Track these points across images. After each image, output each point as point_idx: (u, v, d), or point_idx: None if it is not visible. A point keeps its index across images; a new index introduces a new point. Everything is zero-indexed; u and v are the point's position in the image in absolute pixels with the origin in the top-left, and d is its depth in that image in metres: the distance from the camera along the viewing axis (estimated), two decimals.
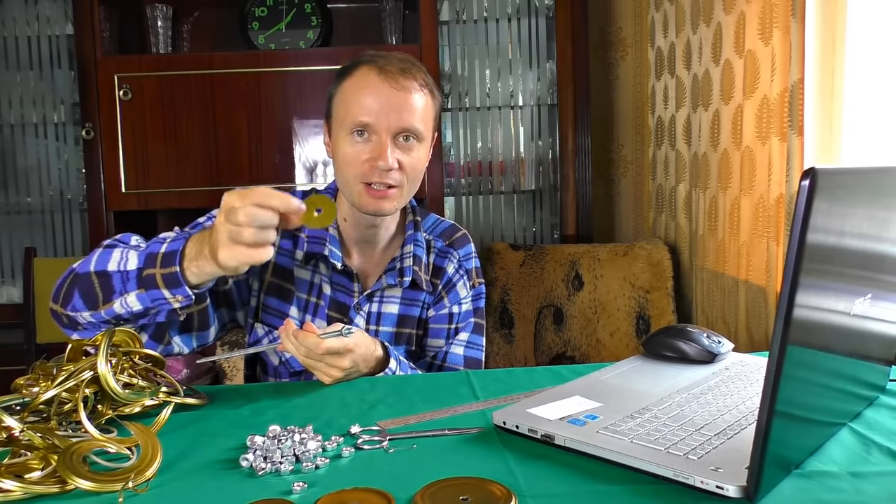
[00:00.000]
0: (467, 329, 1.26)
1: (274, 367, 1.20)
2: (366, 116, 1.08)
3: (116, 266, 0.97)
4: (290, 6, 2.37)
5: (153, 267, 0.94)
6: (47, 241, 2.41)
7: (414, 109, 1.09)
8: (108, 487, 0.69)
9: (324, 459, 0.75)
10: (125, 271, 0.96)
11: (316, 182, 2.31)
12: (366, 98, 1.08)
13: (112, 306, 0.96)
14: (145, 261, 0.95)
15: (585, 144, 2.42)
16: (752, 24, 1.65)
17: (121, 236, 1.07)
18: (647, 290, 2.18)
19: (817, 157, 1.48)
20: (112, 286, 0.96)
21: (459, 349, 1.24)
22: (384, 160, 1.07)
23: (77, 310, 0.98)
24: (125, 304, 0.95)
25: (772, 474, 0.65)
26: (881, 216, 0.73)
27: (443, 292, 1.25)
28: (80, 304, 0.98)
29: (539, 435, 0.78)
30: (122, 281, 0.95)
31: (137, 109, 2.24)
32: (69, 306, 0.99)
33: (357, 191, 1.11)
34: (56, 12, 2.35)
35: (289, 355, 1.17)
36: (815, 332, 0.66)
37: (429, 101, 1.13)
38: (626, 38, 2.60)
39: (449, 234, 1.28)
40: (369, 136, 1.09)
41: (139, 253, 0.96)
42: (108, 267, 0.97)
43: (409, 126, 1.09)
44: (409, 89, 1.09)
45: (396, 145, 1.10)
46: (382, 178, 1.09)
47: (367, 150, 1.09)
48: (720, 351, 1.05)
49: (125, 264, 0.96)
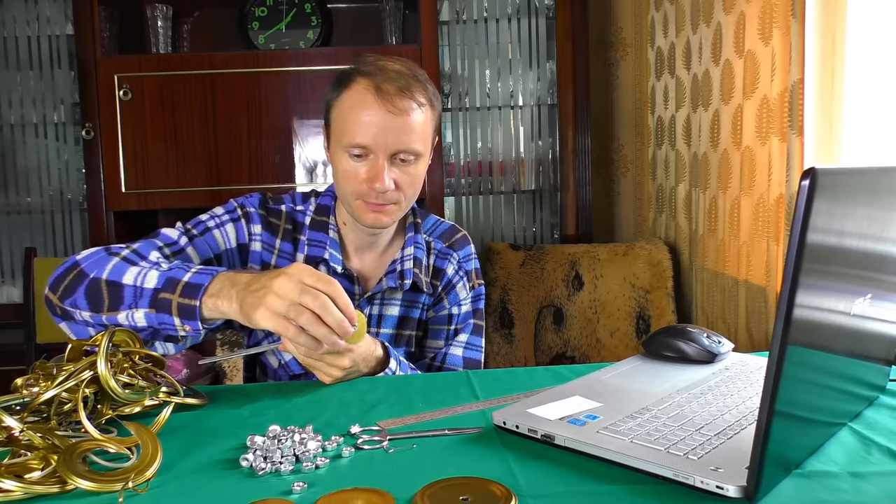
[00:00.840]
0: (466, 330, 1.26)
1: (273, 369, 1.20)
2: (362, 138, 1.07)
3: (133, 280, 0.97)
4: (290, 6, 2.37)
5: (172, 293, 0.94)
6: (47, 241, 2.41)
7: (412, 131, 1.08)
8: (108, 487, 0.69)
9: (324, 459, 0.75)
10: (141, 287, 0.96)
11: (316, 182, 2.31)
12: (362, 120, 1.07)
13: (116, 315, 0.96)
14: (165, 284, 0.95)
15: (585, 144, 2.42)
16: (752, 24, 1.65)
17: (137, 248, 1.06)
18: (647, 290, 2.18)
19: (817, 157, 1.48)
20: (122, 298, 0.96)
21: (458, 350, 1.25)
22: (381, 182, 1.07)
23: (77, 307, 0.98)
24: (131, 317, 0.96)
25: (772, 474, 0.65)
26: (881, 216, 0.73)
27: (442, 293, 1.25)
28: (83, 303, 0.98)
29: (539, 435, 0.78)
30: (135, 296, 0.96)
31: (137, 109, 2.24)
32: (68, 301, 0.99)
33: (355, 205, 1.12)
34: (56, 12, 2.35)
35: (288, 357, 1.17)
36: (815, 332, 0.66)
37: (428, 115, 1.12)
38: (626, 38, 2.61)
39: (449, 236, 1.28)
40: (366, 155, 1.09)
41: (160, 274, 0.96)
42: (122, 279, 0.97)
43: (406, 148, 1.08)
44: (407, 111, 1.07)
45: (394, 164, 1.09)
46: (379, 198, 1.10)
47: (364, 170, 1.09)
48: (720, 351, 1.05)
49: (142, 281, 0.96)
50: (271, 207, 1.20)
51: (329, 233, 1.18)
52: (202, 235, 1.14)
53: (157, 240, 1.10)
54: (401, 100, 1.07)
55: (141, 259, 1.03)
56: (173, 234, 1.12)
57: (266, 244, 1.18)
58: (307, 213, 1.20)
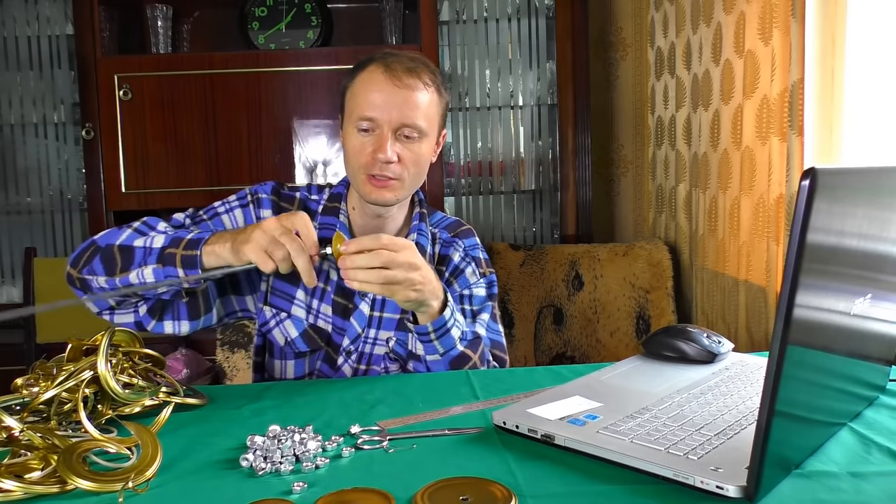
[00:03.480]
0: (486, 311, 1.28)
1: (280, 348, 1.22)
2: (370, 111, 1.13)
3: (143, 243, 1.09)
4: (290, 6, 2.37)
5: (176, 248, 1.05)
6: (47, 241, 2.41)
7: (416, 106, 1.14)
8: (108, 487, 0.69)
9: (324, 459, 0.75)
10: (149, 248, 1.08)
11: (316, 182, 2.31)
12: (371, 94, 1.14)
13: (128, 275, 1.07)
14: (170, 242, 1.07)
15: (585, 144, 2.42)
16: (752, 24, 1.65)
17: (149, 219, 1.17)
18: (647, 290, 2.18)
19: (817, 157, 1.48)
20: (133, 258, 1.07)
21: (482, 330, 1.25)
22: (383, 153, 1.12)
23: (94, 273, 1.09)
24: (141, 275, 1.06)
25: (772, 474, 0.65)
26: (881, 216, 0.73)
27: (451, 278, 1.26)
28: (99, 268, 1.09)
29: (539, 435, 0.78)
30: (145, 255, 1.07)
31: (137, 109, 2.24)
32: (86, 269, 1.09)
33: (361, 180, 1.16)
34: (56, 12, 2.35)
35: (294, 335, 1.19)
36: (815, 332, 0.66)
37: (434, 98, 1.18)
38: (626, 38, 2.61)
39: (454, 228, 1.32)
40: (373, 130, 1.14)
41: (167, 236, 1.09)
42: (133, 243, 1.09)
43: (409, 122, 1.14)
44: (412, 87, 1.14)
45: (398, 140, 1.14)
46: (383, 170, 1.14)
47: (370, 144, 1.14)
48: (720, 351, 1.05)
49: (151, 243, 1.08)
50: (284, 193, 1.25)
51: (339, 217, 1.22)
52: (210, 219, 1.21)
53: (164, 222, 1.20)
54: (408, 77, 1.14)
55: (150, 229, 1.14)
56: (180, 217, 1.21)
57: None
58: (321, 203, 1.25)
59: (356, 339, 1.19)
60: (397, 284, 1.02)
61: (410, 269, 1.02)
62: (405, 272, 1.01)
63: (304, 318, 1.19)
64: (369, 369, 1.20)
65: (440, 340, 1.11)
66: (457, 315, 1.14)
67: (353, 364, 1.19)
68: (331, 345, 1.20)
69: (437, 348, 1.11)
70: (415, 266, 1.03)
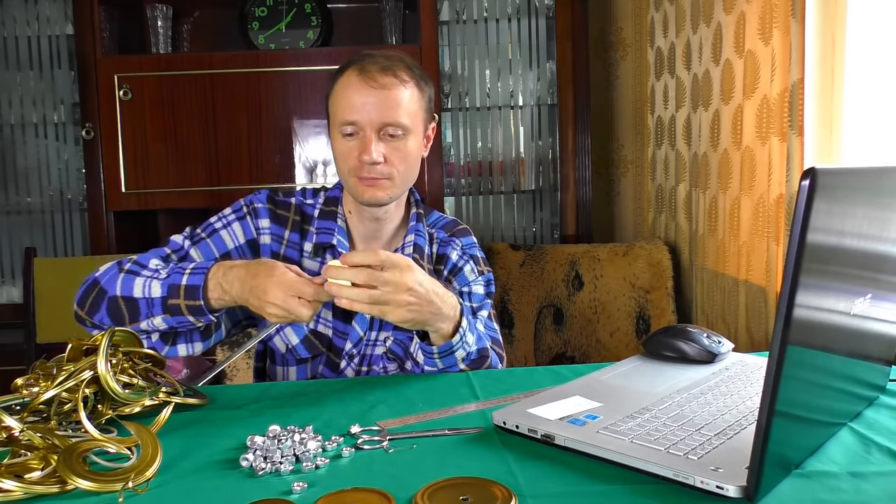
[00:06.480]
0: (486, 308, 1.28)
1: (281, 355, 1.22)
2: (350, 115, 1.14)
3: (141, 293, 1.09)
4: (290, 6, 2.37)
5: (177, 298, 1.07)
6: (47, 241, 2.41)
7: (396, 104, 1.13)
8: (108, 487, 0.69)
9: (324, 459, 0.75)
10: (150, 298, 1.08)
11: (316, 182, 2.31)
12: (349, 98, 1.14)
13: (138, 325, 1.09)
14: (168, 290, 1.07)
15: (585, 144, 2.42)
16: (752, 24, 1.65)
17: (138, 258, 1.16)
18: (647, 290, 2.18)
19: (817, 157, 1.48)
20: (138, 310, 1.09)
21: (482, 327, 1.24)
22: (368, 154, 1.13)
23: (104, 323, 1.10)
24: (151, 324, 1.09)
25: (772, 474, 0.65)
26: (881, 216, 0.73)
27: (450, 276, 1.27)
28: (107, 320, 1.10)
29: (539, 435, 0.78)
30: (148, 307, 1.08)
31: (137, 109, 2.24)
32: (96, 317, 1.11)
33: (352, 183, 1.17)
34: (56, 12, 2.35)
35: (295, 341, 1.18)
36: (815, 332, 0.66)
37: (414, 93, 1.16)
38: (626, 38, 2.60)
39: (450, 227, 1.32)
40: (356, 133, 1.15)
41: (161, 282, 1.09)
42: (133, 294, 1.09)
43: (390, 121, 1.13)
44: (389, 86, 1.13)
45: (382, 140, 1.14)
46: (370, 171, 1.14)
47: (355, 147, 1.15)
48: (720, 351, 1.05)
49: (149, 292, 1.09)
50: (279, 200, 1.25)
51: (337, 221, 1.22)
52: (209, 237, 1.20)
53: (165, 248, 1.19)
54: (383, 76, 1.13)
55: (142, 269, 1.13)
56: (179, 239, 1.20)
57: (275, 235, 1.21)
58: (316, 206, 1.25)
59: (359, 343, 1.19)
60: (386, 305, 0.99)
61: (398, 289, 0.98)
62: (393, 292, 0.98)
63: (305, 325, 1.19)
64: (370, 370, 1.20)
65: (442, 359, 1.10)
66: (467, 337, 1.10)
67: (355, 367, 1.19)
68: (332, 349, 1.20)
69: (437, 364, 1.11)
70: (404, 286, 0.98)
